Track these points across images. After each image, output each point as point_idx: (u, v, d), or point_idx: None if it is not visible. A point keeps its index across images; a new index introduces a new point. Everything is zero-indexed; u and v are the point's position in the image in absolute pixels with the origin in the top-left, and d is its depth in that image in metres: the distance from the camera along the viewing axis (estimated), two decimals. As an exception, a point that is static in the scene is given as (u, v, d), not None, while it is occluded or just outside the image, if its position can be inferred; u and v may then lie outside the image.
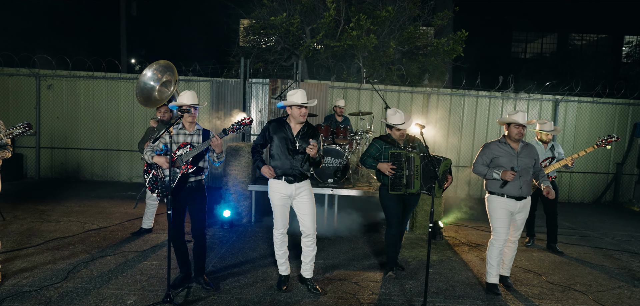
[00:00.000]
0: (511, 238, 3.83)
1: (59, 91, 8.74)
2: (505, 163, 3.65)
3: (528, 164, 3.68)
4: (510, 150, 3.69)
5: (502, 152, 3.70)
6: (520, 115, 3.60)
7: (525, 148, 3.74)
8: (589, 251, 5.31)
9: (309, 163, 3.45)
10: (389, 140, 3.86)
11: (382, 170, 3.71)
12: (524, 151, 3.71)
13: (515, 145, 3.71)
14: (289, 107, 3.45)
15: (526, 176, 3.67)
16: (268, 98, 8.12)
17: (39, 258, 4.09)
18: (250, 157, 5.97)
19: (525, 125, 3.63)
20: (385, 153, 3.78)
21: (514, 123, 3.62)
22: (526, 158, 3.68)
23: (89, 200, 6.89)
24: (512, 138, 3.69)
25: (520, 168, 3.61)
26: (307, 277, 3.61)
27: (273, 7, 9.58)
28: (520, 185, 3.62)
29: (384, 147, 3.82)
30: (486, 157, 3.78)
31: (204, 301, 3.29)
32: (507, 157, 3.67)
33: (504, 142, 3.75)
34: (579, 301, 3.69)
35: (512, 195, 3.62)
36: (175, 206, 3.32)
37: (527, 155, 3.71)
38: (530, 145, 3.79)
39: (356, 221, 5.91)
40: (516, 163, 3.63)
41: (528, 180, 3.69)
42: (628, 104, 9.14)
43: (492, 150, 3.76)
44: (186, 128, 3.42)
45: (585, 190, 9.27)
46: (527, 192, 3.70)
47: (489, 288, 3.78)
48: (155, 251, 4.45)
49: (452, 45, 9.84)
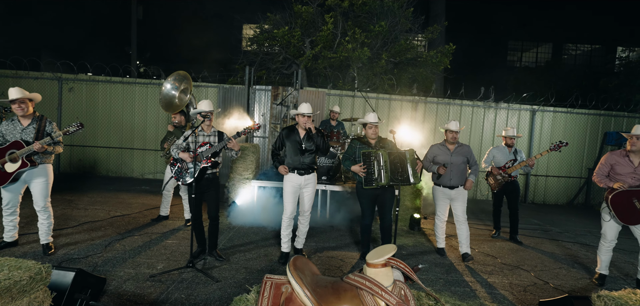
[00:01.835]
0: (459, 219, 4.89)
1: (79, 94, 9.59)
2: (441, 160, 4.85)
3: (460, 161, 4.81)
4: (446, 150, 4.85)
5: (440, 152, 4.87)
6: (453, 124, 4.85)
7: (459, 148, 4.86)
8: (546, 242, 6.14)
9: (314, 155, 4.44)
10: (363, 140, 4.58)
11: (356, 171, 4.39)
12: (457, 150, 4.84)
13: (451, 146, 4.86)
14: (297, 115, 4.34)
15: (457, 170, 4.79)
16: (270, 103, 8.96)
17: (78, 236, 4.92)
18: (253, 156, 6.81)
19: (458, 132, 4.83)
20: (359, 152, 4.46)
21: (448, 130, 4.83)
22: (458, 156, 4.81)
23: (109, 192, 7.72)
24: (448, 141, 4.88)
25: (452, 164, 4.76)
26: (299, 248, 4.54)
27: (276, 20, 10.44)
28: (450, 177, 4.77)
29: (358, 146, 4.52)
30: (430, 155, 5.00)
31: (219, 269, 4.11)
32: (443, 155, 4.84)
33: (444, 144, 4.90)
34: (521, 276, 4.51)
35: (446, 184, 4.80)
36: (196, 193, 4.14)
37: (460, 153, 4.82)
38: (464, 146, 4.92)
39: (345, 214, 6.72)
40: (449, 160, 4.77)
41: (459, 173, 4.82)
42: (599, 114, 10.00)
43: (433, 150, 4.95)
44: (205, 130, 4.25)
45: (559, 192, 10.10)
46: (457, 182, 4.83)
47: (437, 250, 5.13)
48: (174, 233, 5.28)
49: (440, 57, 10.68)
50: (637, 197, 4.05)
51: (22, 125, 4.16)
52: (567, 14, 20.04)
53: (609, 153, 4.34)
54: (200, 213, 4.31)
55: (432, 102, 9.73)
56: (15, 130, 4.13)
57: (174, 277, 3.80)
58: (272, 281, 2.08)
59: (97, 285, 3.05)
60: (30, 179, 4.21)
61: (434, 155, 4.96)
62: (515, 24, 21.77)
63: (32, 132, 4.15)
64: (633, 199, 4.07)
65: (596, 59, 22.52)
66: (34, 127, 4.17)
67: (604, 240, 4.35)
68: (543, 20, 20.70)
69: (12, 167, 4.17)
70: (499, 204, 6.23)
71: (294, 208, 4.44)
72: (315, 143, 4.36)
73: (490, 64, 19.78)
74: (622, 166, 4.18)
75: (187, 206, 5.75)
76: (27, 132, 4.14)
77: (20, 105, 4.06)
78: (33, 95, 4.20)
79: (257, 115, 9.28)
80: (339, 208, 6.75)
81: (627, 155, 4.19)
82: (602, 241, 4.37)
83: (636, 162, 4.13)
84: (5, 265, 2.25)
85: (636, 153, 4.14)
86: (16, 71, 9.42)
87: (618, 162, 4.22)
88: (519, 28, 21.99)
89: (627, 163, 4.16)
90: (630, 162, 4.15)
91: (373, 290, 1.91)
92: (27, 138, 4.12)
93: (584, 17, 19.90)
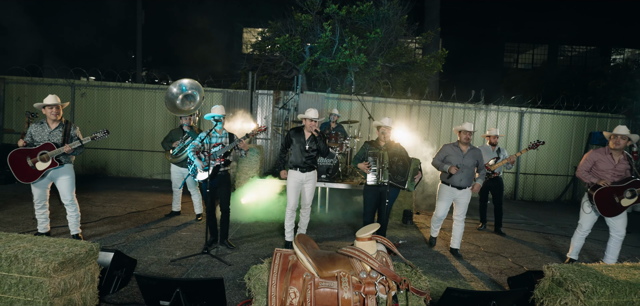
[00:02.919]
0: (458, 217, 5.18)
1: (90, 99, 10.11)
2: (453, 161, 5.01)
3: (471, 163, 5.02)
4: (459, 151, 5.03)
5: (452, 153, 5.06)
6: (467, 125, 4.98)
7: (471, 150, 5.06)
8: (528, 234, 6.66)
9: (316, 156, 4.97)
10: (373, 142, 5.02)
11: (362, 168, 4.88)
12: (469, 153, 5.03)
13: (464, 147, 5.04)
14: (305, 119, 4.85)
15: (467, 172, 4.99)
16: (272, 107, 9.50)
17: (100, 229, 5.44)
18: (258, 156, 7.35)
19: (472, 132, 4.99)
20: (367, 153, 4.88)
21: (463, 131, 4.98)
22: (470, 159, 5.01)
23: (121, 191, 8.24)
24: (462, 142, 5.04)
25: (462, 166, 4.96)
26: None
27: (277, 27, 10.98)
28: (461, 178, 4.98)
29: (368, 148, 4.98)
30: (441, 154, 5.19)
31: (230, 255, 4.64)
32: (456, 157, 5.01)
33: (457, 145, 5.09)
34: (500, 261, 5.04)
35: (455, 184, 4.99)
36: (210, 188, 4.66)
37: (472, 156, 5.03)
38: (475, 149, 5.11)
39: (342, 208, 7.26)
40: (462, 162, 4.96)
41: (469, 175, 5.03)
42: (584, 115, 10.54)
43: (446, 150, 5.13)
44: (218, 132, 4.77)
45: (547, 190, 10.63)
46: (466, 184, 5.04)
47: (430, 240, 5.52)
48: (186, 226, 5.80)
49: (433, 62, 11.22)
50: (617, 193, 4.53)
51: (50, 128, 4.66)
52: (562, 16, 20.39)
53: (593, 150, 4.75)
54: (214, 206, 4.83)
55: (426, 105, 10.26)
56: (44, 133, 4.63)
57: (192, 262, 4.32)
58: (281, 253, 2.61)
59: (130, 265, 3.57)
60: (56, 177, 4.72)
61: (447, 154, 5.09)
62: (511, 26, 22.23)
63: (59, 135, 4.66)
64: (614, 195, 4.55)
65: (591, 60, 22.97)
66: (61, 130, 4.68)
67: (580, 229, 4.85)
68: (539, 21, 21.13)
69: (43, 165, 4.68)
70: (484, 199, 6.76)
71: (296, 201, 4.96)
72: (318, 146, 4.91)
73: (487, 65, 20.31)
74: (604, 163, 4.59)
75: (197, 202, 6.26)
76: (54, 135, 4.65)
77: (55, 110, 4.58)
78: (64, 103, 4.73)
79: (259, 118, 9.81)
80: (337, 204, 7.27)
81: (609, 153, 4.59)
82: (578, 230, 4.88)
83: (616, 160, 4.54)
84: (65, 243, 2.78)
85: (617, 151, 4.54)
86: (31, 78, 9.95)
87: (600, 159, 4.62)
88: (515, 30, 22.45)
89: (608, 160, 4.57)
90: (612, 160, 4.55)
91: (360, 257, 2.44)
92: (56, 141, 4.63)
93: (579, 19, 20.27)
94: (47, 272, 2.49)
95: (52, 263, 2.50)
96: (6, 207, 6.26)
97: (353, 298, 2.33)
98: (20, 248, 2.65)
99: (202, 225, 5.86)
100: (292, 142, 4.95)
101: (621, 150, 4.56)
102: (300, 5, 10.76)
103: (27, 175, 4.58)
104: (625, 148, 4.79)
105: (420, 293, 2.46)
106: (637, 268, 3.04)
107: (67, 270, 2.60)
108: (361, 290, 2.35)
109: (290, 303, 2.34)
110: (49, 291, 2.49)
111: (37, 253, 2.59)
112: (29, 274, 2.50)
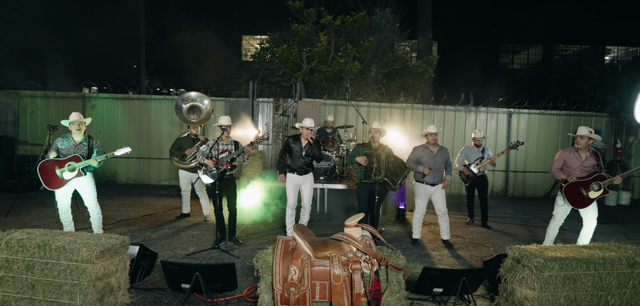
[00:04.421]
0: (441, 212, 5.70)
1: (100, 110, 10.67)
2: (425, 161, 5.55)
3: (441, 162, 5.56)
4: (430, 152, 5.56)
5: (424, 154, 5.59)
6: (432, 127, 5.56)
7: (441, 150, 5.61)
8: (513, 227, 7.17)
9: (311, 161, 5.52)
10: (366, 145, 5.53)
11: (359, 161, 5.32)
12: (439, 153, 5.58)
13: (433, 148, 5.58)
14: (302, 127, 5.38)
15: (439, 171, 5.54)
16: (272, 114, 10.04)
17: (118, 230, 5.97)
18: (260, 161, 7.89)
19: (437, 133, 5.55)
20: (361, 153, 5.37)
21: (429, 134, 5.55)
22: (440, 158, 5.55)
23: (133, 197, 8.77)
24: (430, 143, 5.58)
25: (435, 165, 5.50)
26: None
27: (275, 38, 11.56)
28: (433, 176, 5.52)
29: (361, 150, 5.49)
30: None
31: (238, 250, 5.16)
32: (428, 158, 5.55)
33: (427, 147, 5.63)
34: (482, 250, 5.55)
35: (429, 182, 5.54)
36: (218, 190, 5.19)
37: (441, 155, 5.58)
38: (443, 148, 5.66)
39: (339, 208, 7.78)
40: (433, 162, 5.49)
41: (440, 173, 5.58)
42: (570, 115, 11.07)
43: (417, 152, 5.66)
44: (224, 140, 5.31)
45: (536, 186, 11.14)
46: (438, 181, 5.58)
47: (413, 241, 5.78)
48: (196, 226, 6.33)
49: (425, 67, 11.78)
50: (583, 187, 5.04)
51: (75, 141, 5.20)
52: (556, 15, 20.73)
53: (562, 150, 5.25)
54: (222, 206, 5.36)
55: (418, 108, 10.80)
56: (70, 146, 5.16)
57: (204, 255, 4.85)
58: (282, 239, 3.13)
59: (152, 258, 4.09)
60: (79, 185, 5.25)
61: (419, 156, 5.58)
62: (506, 27, 22.66)
63: (84, 148, 5.20)
64: (581, 188, 5.06)
65: (585, 59, 23.42)
66: (85, 144, 5.21)
67: (553, 220, 5.35)
68: (532, 21, 21.54)
69: (70, 175, 5.21)
70: (471, 196, 7.29)
71: (294, 200, 5.49)
72: (313, 152, 5.45)
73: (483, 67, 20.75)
74: (573, 160, 5.08)
75: (205, 204, 6.79)
76: (79, 148, 5.18)
77: (78, 126, 5.11)
78: (87, 119, 5.27)
79: (260, 124, 10.35)
80: (335, 204, 7.80)
81: (576, 151, 5.09)
82: (552, 221, 5.37)
83: (583, 157, 5.05)
84: (102, 236, 3.32)
85: (582, 149, 5.05)
86: (44, 91, 10.52)
87: (569, 157, 5.11)
88: (510, 31, 22.88)
89: (576, 158, 5.07)
90: (579, 157, 5.06)
91: (348, 240, 2.97)
92: (82, 153, 5.16)
93: (574, 18, 20.61)
94: (90, 259, 3.01)
95: (94, 251, 3.03)
96: (29, 213, 6.80)
97: (342, 274, 2.85)
98: (66, 240, 3.18)
99: (211, 225, 6.39)
100: (290, 148, 5.48)
101: (586, 148, 5.07)
102: (297, 17, 11.34)
103: (54, 182, 5.11)
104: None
105: (398, 269, 2.98)
106: (585, 247, 3.56)
107: (106, 257, 3.13)
108: (349, 267, 2.87)
109: (291, 278, 2.87)
110: (92, 274, 3.01)
111: (80, 244, 3.12)
112: (75, 261, 3.03)
